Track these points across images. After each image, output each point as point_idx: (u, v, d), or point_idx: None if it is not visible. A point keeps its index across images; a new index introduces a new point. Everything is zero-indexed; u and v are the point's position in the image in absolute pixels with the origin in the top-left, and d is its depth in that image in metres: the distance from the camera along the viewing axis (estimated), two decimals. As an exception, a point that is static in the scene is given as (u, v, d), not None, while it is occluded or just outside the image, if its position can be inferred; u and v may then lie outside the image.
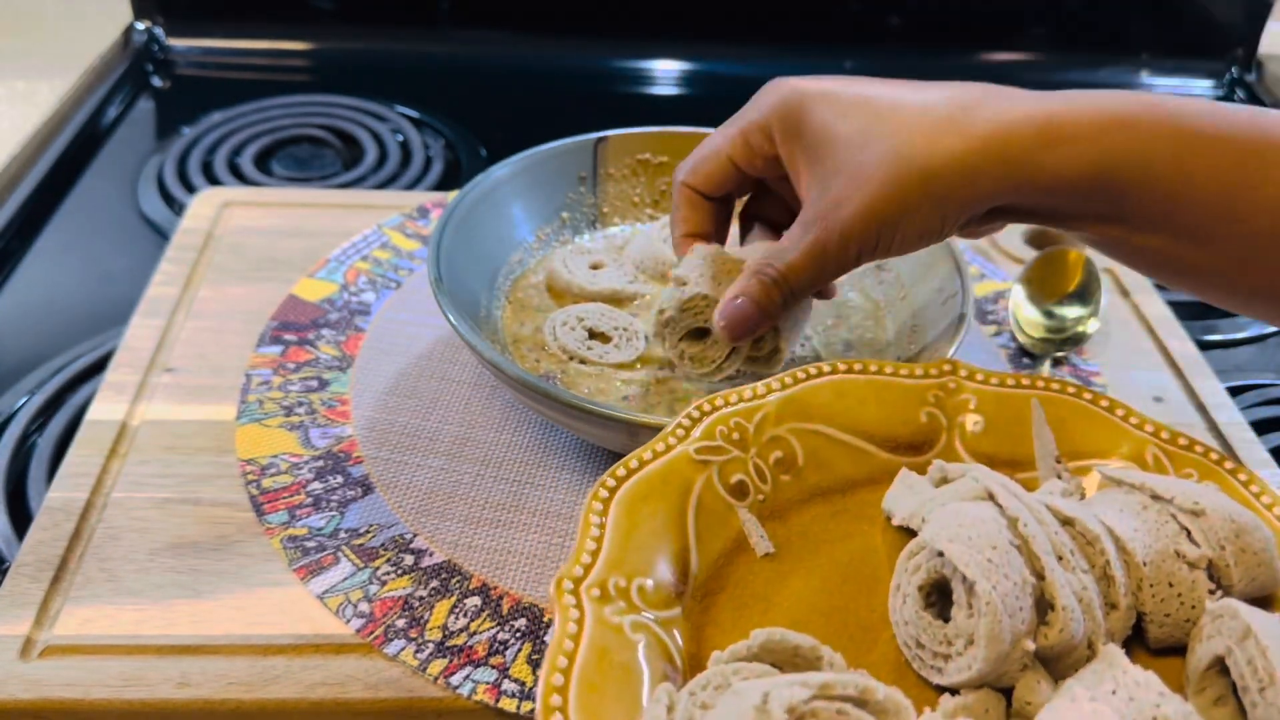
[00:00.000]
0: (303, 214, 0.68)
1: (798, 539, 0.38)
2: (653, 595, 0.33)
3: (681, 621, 0.34)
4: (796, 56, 1.02)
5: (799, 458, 0.39)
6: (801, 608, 0.35)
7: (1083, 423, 0.40)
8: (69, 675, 0.41)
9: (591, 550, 0.33)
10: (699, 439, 0.38)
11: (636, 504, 0.35)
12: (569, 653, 0.30)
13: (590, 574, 0.33)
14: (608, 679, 0.30)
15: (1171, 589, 0.34)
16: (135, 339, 0.57)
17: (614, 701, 0.30)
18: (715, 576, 0.36)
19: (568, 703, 0.29)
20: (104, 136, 0.88)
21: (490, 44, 1.01)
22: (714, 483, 0.37)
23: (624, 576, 0.33)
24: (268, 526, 0.47)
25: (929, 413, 0.41)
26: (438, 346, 0.58)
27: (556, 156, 0.61)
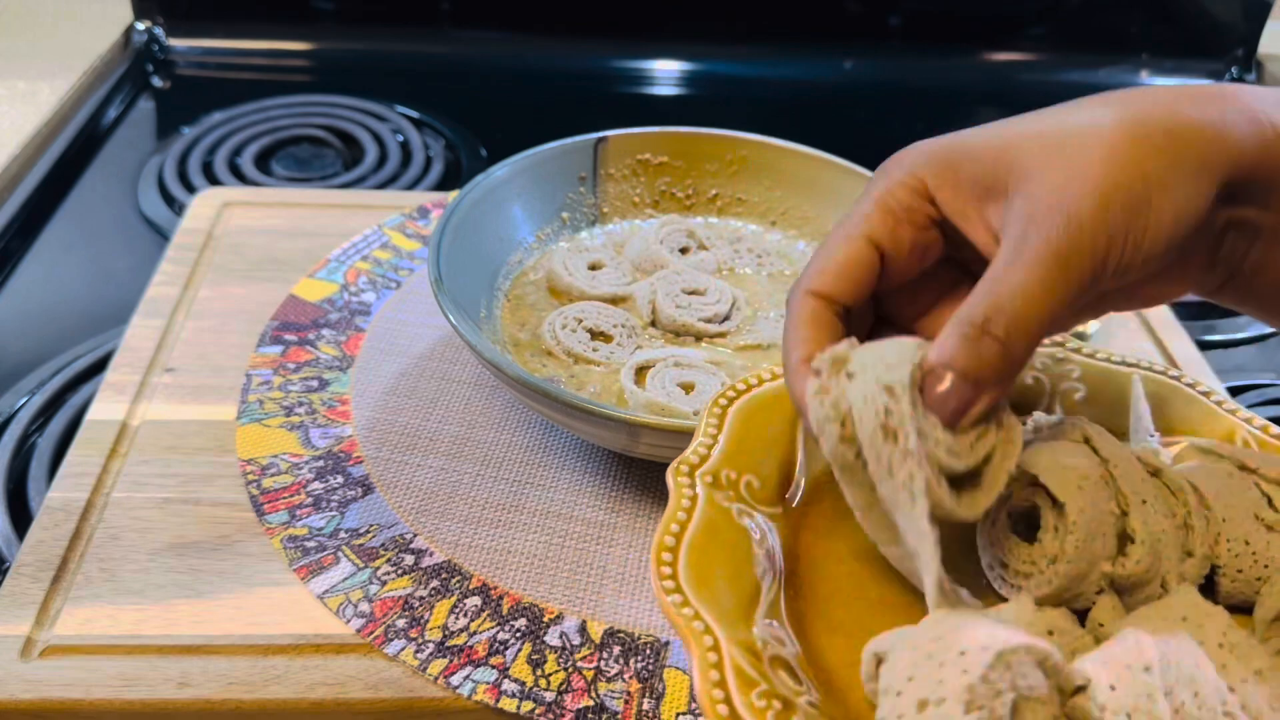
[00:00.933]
0: (303, 214, 0.68)
1: None
2: (759, 492, 0.36)
3: (781, 520, 0.36)
4: (796, 56, 1.02)
5: None
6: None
7: (1179, 403, 0.42)
8: (69, 675, 0.41)
9: (706, 445, 0.36)
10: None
11: (753, 414, 0.38)
12: (681, 522, 0.33)
13: (705, 464, 0.35)
14: (713, 548, 0.33)
15: (1247, 546, 0.35)
16: (135, 339, 0.57)
17: (717, 567, 0.32)
18: (816, 490, 0.38)
19: (677, 561, 0.31)
20: (104, 136, 0.88)
21: (490, 44, 1.01)
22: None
23: (735, 470, 0.36)
24: (268, 526, 0.47)
25: (1035, 376, 0.42)
26: (438, 346, 0.58)
27: (556, 157, 0.61)
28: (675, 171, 0.64)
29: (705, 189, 0.64)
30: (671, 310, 0.55)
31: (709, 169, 0.64)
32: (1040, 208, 0.30)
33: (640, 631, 0.44)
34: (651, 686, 0.42)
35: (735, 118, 0.68)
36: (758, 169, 0.63)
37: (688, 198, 0.65)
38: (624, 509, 0.49)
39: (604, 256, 0.60)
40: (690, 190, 0.64)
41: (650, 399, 0.49)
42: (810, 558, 0.36)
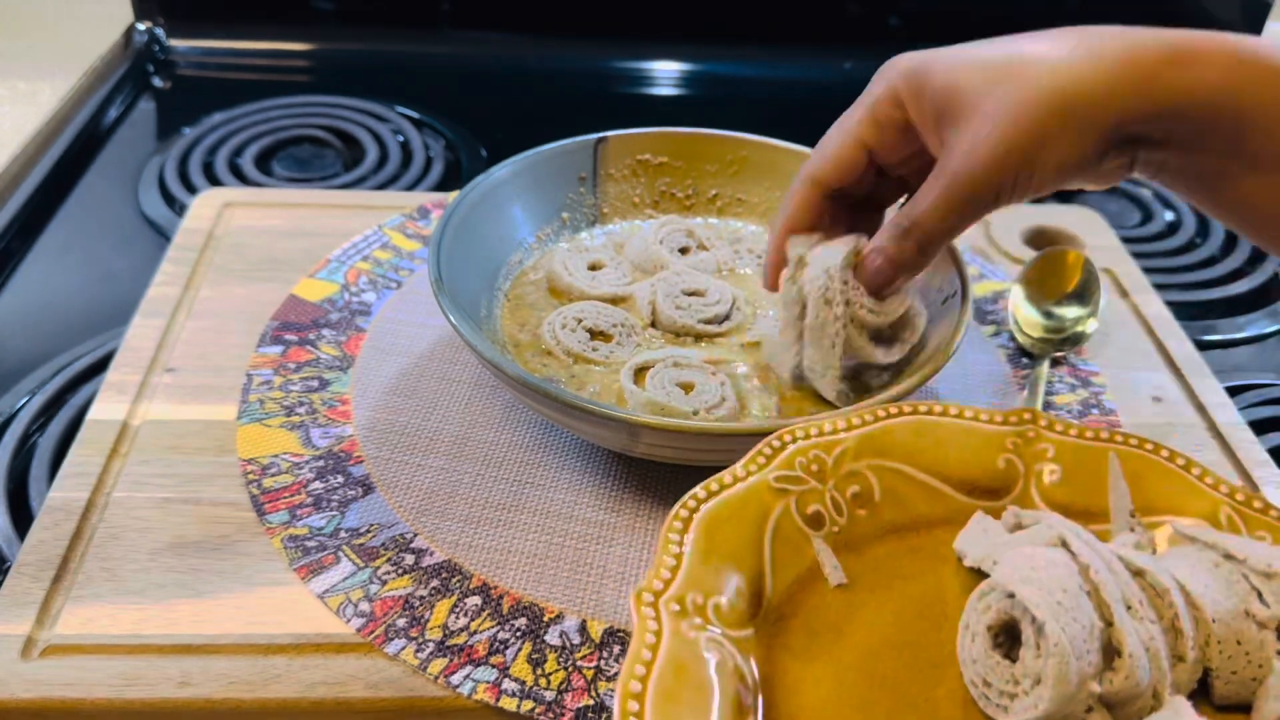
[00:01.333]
0: (303, 214, 0.68)
1: (871, 572, 0.38)
2: (728, 614, 0.34)
3: (754, 642, 0.35)
4: (796, 56, 1.02)
5: (875, 493, 0.40)
6: (873, 639, 0.36)
7: (1158, 479, 0.41)
8: (70, 675, 0.41)
9: (671, 566, 0.34)
10: (778, 468, 0.39)
11: (716, 525, 0.36)
12: (646, 663, 0.31)
13: (669, 588, 0.34)
14: (683, 691, 0.31)
15: (1239, 647, 0.34)
16: (136, 339, 0.57)
17: (688, 712, 0.31)
18: (788, 602, 0.37)
19: (644, 710, 0.30)
20: (105, 137, 0.88)
21: (490, 44, 1.01)
22: (791, 512, 0.38)
23: (701, 593, 0.34)
24: (268, 526, 0.47)
25: (1007, 459, 0.42)
26: (438, 346, 0.58)
27: (557, 157, 0.61)
28: (675, 172, 0.64)
29: (705, 189, 0.64)
30: (672, 312, 0.55)
31: (709, 169, 0.64)
32: (959, 148, 0.40)
33: (640, 631, 0.44)
34: (651, 686, 0.42)
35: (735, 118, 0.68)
36: (758, 169, 0.63)
37: (688, 198, 0.65)
38: (624, 509, 0.49)
39: (604, 256, 0.60)
40: (690, 191, 0.65)
41: (650, 399, 0.49)
42: (786, 684, 0.34)
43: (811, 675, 0.35)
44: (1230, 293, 0.75)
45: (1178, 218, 0.84)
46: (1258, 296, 0.75)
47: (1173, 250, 0.80)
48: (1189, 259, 0.79)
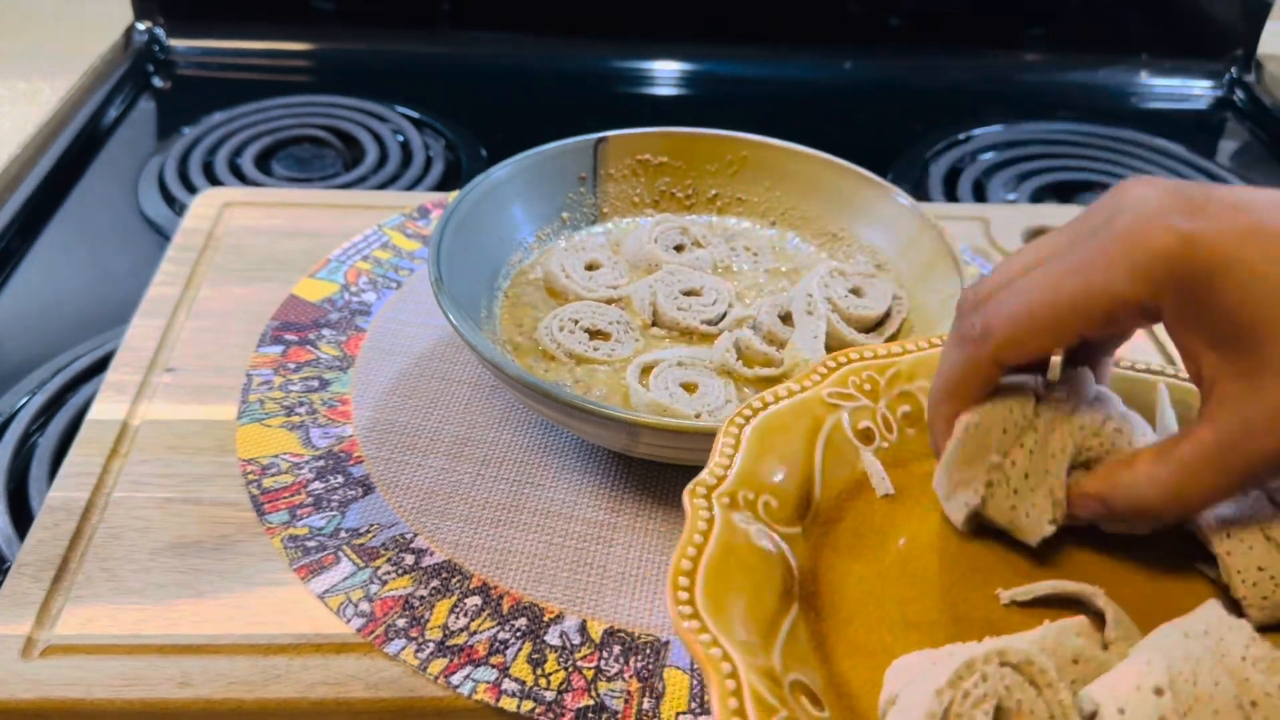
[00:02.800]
0: (303, 214, 0.68)
1: (917, 486, 0.39)
2: (777, 511, 0.36)
3: (801, 540, 0.36)
4: (796, 56, 1.02)
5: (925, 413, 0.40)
6: (915, 545, 0.37)
7: None
8: (70, 675, 0.41)
9: (724, 465, 0.35)
10: (833, 384, 0.40)
11: (770, 432, 0.37)
12: (698, 545, 0.32)
13: (722, 484, 0.35)
14: (732, 571, 0.32)
15: (1263, 572, 0.34)
16: (136, 339, 0.57)
17: (735, 592, 0.32)
18: (836, 507, 0.38)
19: (694, 585, 0.31)
20: (105, 137, 0.88)
21: (490, 44, 1.01)
22: (843, 425, 0.39)
23: (752, 490, 0.35)
24: (268, 526, 0.47)
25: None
26: (438, 346, 0.58)
27: (556, 157, 0.61)
28: (675, 172, 0.64)
29: (705, 189, 0.64)
30: (674, 313, 0.55)
31: (709, 169, 0.64)
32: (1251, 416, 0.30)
33: (640, 631, 0.44)
34: (651, 686, 0.42)
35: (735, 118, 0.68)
36: (758, 169, 0.63)
37: (688, 198, 0.65)
38: (624, 509, 0.49)
39: (601, 256, 0.60)
40: (690, 190, 0.65)
41: (652, 399, 0.49)
42: (830, 579, 0.35)
43: (855, 571, 0.36)
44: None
45: (1178, 218, 0.84)
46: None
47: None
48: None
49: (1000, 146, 0.92)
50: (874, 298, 0.55)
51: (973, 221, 0.71)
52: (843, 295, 0.55)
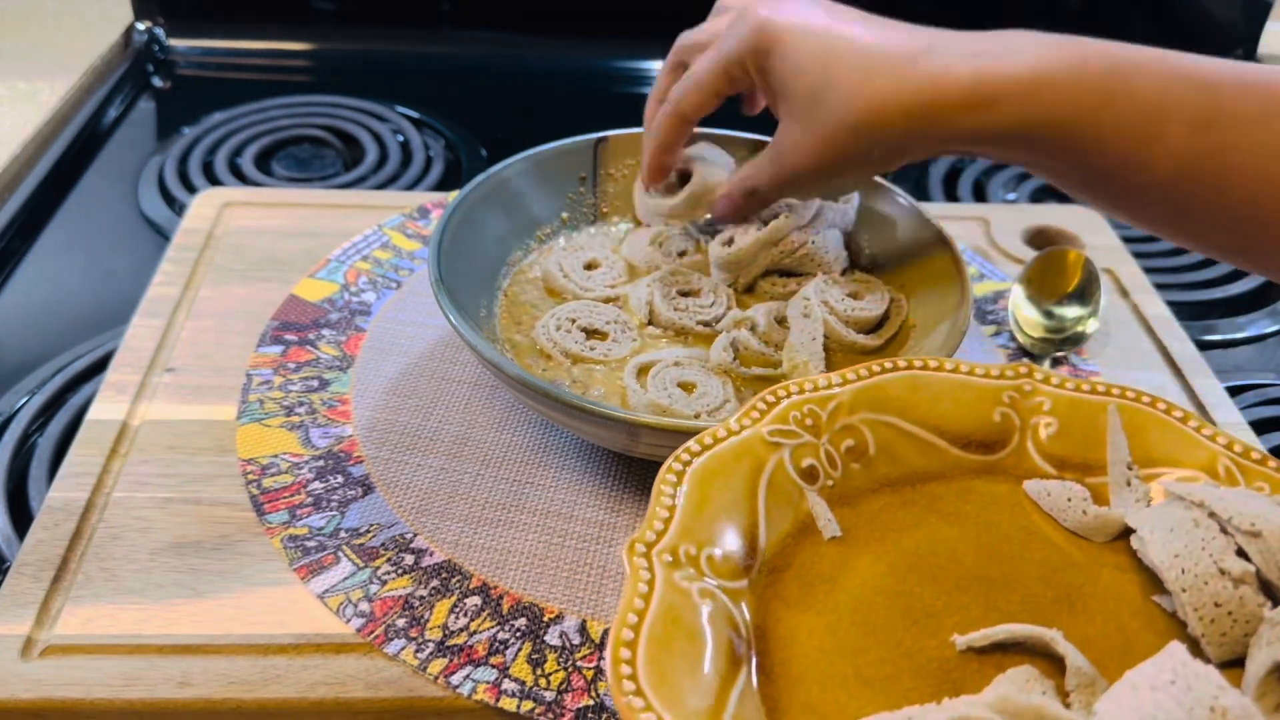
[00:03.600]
0: (303, 214, 0.68)
1: (865, 525, 0.38)
2: (721, 565, 0.34)
3: (748, 594, 0.35)
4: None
5: (870, 447, 0.40)
6: (866, 590, 0.36)
7: (1156, 432, 0.40)
8: (70, 675, 0.41)
9: (664, 518, 0.34)
10: (772, 422, 0.39)
11: (709, 478, 0.36)
12: (639, 611, 0.31)
13: (662, 539, 0.34)
14: (677, 639, 0.31)
15: (1219, 608, 0.34)
16: (136, 339, 0.57)
17: (680, 660, 0.31)
18: (781, 554, 0.37)
19: (636, 658, 0.30)
20: (105, 137, 0.88)
21: (490, 44, 1.01)
22: (785, 465, 0.38)
23: (694, 545, 0.34)
24: (268, 526, 0.47)
25: (1003, 413, 0.41)
26: (438, 346, 0.58)
27: (556, 157, 0.61)
28: (675, 171, 0.64)
29: (705, 189, 0.64)
30: (670, 313, 0.55)
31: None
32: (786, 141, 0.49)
33: (640, 631, 0.44)
34: (651, 686, 0.42)
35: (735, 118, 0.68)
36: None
37: (688, 198, 0.64)
38: (624, 509, 0.49)
39: (600, 255, 0.60)
40: (690, 190, 0.64)
41: (651, 400, 0.49)
42: (779, 634, 0.34)
43: (805, 624, 0.34)
44: (1230, 293, 0.75)
45: (1178, 218, 0.84)
46: (1258, 296, 0.75)
47: (1173, 250, 0.80)
48: (1189, 259, 0.79)
49: (1000, 146, 0.92)
50: (871, 300, 0.56)
51: (973, 221, 0.71)
52: (839, 299, 0.55)
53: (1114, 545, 0.38)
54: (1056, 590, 0.36)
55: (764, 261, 0.57)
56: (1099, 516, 0.38)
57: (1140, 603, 0.36)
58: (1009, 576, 0.36)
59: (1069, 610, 0.35)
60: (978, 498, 0.40)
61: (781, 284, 0.58)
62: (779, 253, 0.57)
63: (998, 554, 0.37)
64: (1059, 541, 0.38)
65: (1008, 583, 0.36)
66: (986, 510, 0.39)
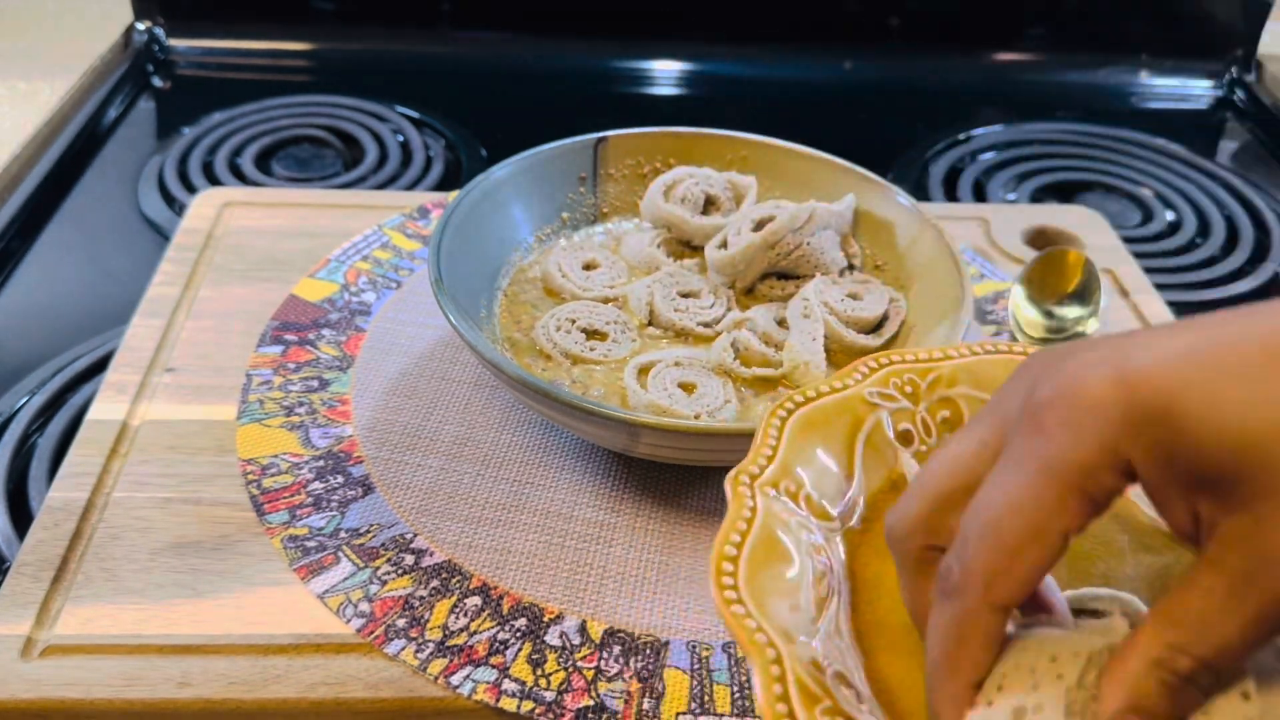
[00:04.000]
0: (303, 214, 0.68)
1: None
2: (818, 505, 0.36)
3: (841, 535, 0.36)
4: (796, 56, 1.02)
5: (964, 420, 0.40)
6: None
7: None
8: (70, 675, 0.41)
9: (768, 455, 0.35)
10: (875, 384, 0.40)
11: (812, 426, 0.37)
12: (742, 532, 0.32)
13: (765, 472, 0.35)
14: (775, 559, 0.32)
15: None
16: (136, 339, 0.57)
17: (779, 581, 0.31)
18: (873, 506, 0.37)
19: (738, 571, 0.31)
20: (105, 137, 0.88)
21: (490, 44, 1.01)
22: (883, 425, 0.39)
23: (794, 483, 0.35)
24: (268, 526, 0.47)
25: None
26: (438, 346, 0.58)
27: (557, 157, 0.61)
28: (675, 172, 0.64)
29: (705, 189, 0.64)
30: (670, 314, 0.55)
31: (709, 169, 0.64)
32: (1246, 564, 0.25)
33: (640, 631, 0.44)
34: (651, 686, 0.42)
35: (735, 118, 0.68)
36: (758, 169, 0.63)
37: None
38: (624, 509, 0.49)
39: (599, 255, 0.60)
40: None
41: (651, 400, 0.49)
42: (866, 576, 0.35)
43: (890, 573, 0.35)
44: (1230, 293, 0.75)
45: (1178, 218, 0.84)
46: (1258, 297, 0.75)
47: (1173, 250, 0.80)
48: (1189, 259, 0.79)
49: (1000, 146, 0.92)
50: (870, 301, 0.56)
51: (973, 221, 0.71)
52: (839, 299, 0.55)
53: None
54: (1138, 570, 0.36)
55: (761, 264, 0.57)
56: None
57: None
58: (1091, 552, 0.36)
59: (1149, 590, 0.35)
60: None
61: (780, 287, 0.58)
62: (775, 255, 0.57)
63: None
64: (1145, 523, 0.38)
65: (1089, 556, 0.36)
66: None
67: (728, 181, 0.62)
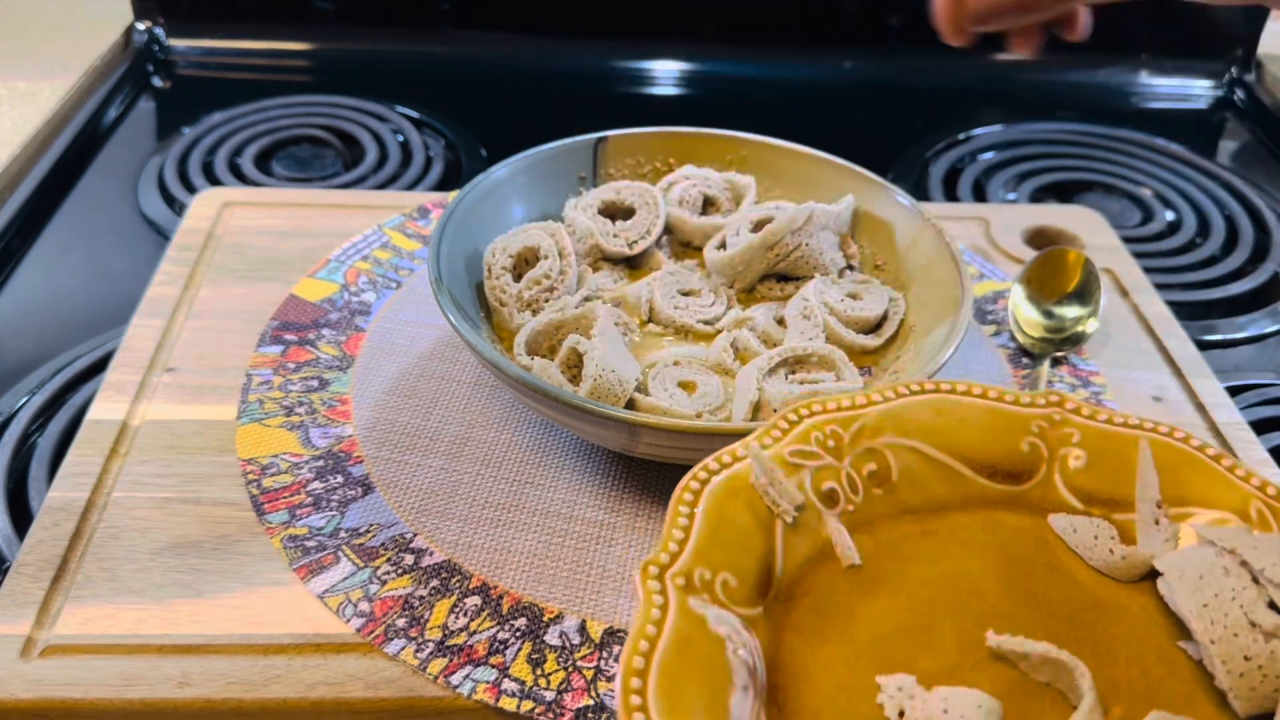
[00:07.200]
0: (303, 214, 0.68)
1: (885, 554, 0.37)
2: (736, 591, 0.33)
3: (762, 622, 0.34)
4: (796, 56, 1.02)
5: (893, 472, 0.39)
6: (886, 623, 0.35)
7: (1187, 470, 0.39)
8: (70, 675, 0.41)
9: (679, 540, 0.33)
10: (793, 442, 0.37)
11: (726, 499, 0.35)
12: (651, 638, 0.30)
13: (676, 562, 0.32)
14: (690, 669, 0.30)
15: (1249, 662, 0.32)
16: (136, 339, 0.57)
17: (695, 691, 0.29)
18: (798, 581, 0.35)
19: (647, 688, 0.29)
20: (105, 137, 0.88)
21: (490, 44, 1.01)
22: (805, 487, 0.37)
23: (709, 569, 0.33)
24: (268, 526, 0.47)
25: (1030, 442, 0.40)
26: (438, 346, 0.58)
27: (556, 157, 0.61)
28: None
29: (705, 189, 0.64)
30: (670, 311, 0.55)
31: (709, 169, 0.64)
32: None
33: (640, 631, 0.44)
34: (651, 686, 0.42)
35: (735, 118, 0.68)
36: (757, 169, 0.63)
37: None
38: (624, 509, 0.49)
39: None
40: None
41: (651, 400, 0.49)
42: (794, 666, 0.33)
43: (821, 657, 0.33)
44: (1230, 293, 0.75)
45: (1178, 218, 0.84)
46: (1258, 296, 0.75)
47: (1173, 250, 0.80)
48: (1189, 259, 0.79)
49: (1000, 146, 0.92)
50: (870, 301, 0.56)
51: (973, 221, 0.71)
52: (839, 299, 0.55)
53: (1140, 585, 0.37)
54: (1080, 630, 0.35)
55: (760, 265, 0.57)
56: (1126, 556, 0.37)
57: (1165, 648, 0.35)
58: (1032, 614, 0.35)
59: (1092, 651, 0.34)
60: (1002, 530, 0.38)
61: (779, 288, 0.58)
62: (774, 256, 0.57)
63: (1021, 590, 0.36)
64: (1084, 579, 0.37)
65: (1030, 620, 0.35)
66: (1011, 543, 0.38)
67: (726, 182, 0.62)
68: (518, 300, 0.53)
